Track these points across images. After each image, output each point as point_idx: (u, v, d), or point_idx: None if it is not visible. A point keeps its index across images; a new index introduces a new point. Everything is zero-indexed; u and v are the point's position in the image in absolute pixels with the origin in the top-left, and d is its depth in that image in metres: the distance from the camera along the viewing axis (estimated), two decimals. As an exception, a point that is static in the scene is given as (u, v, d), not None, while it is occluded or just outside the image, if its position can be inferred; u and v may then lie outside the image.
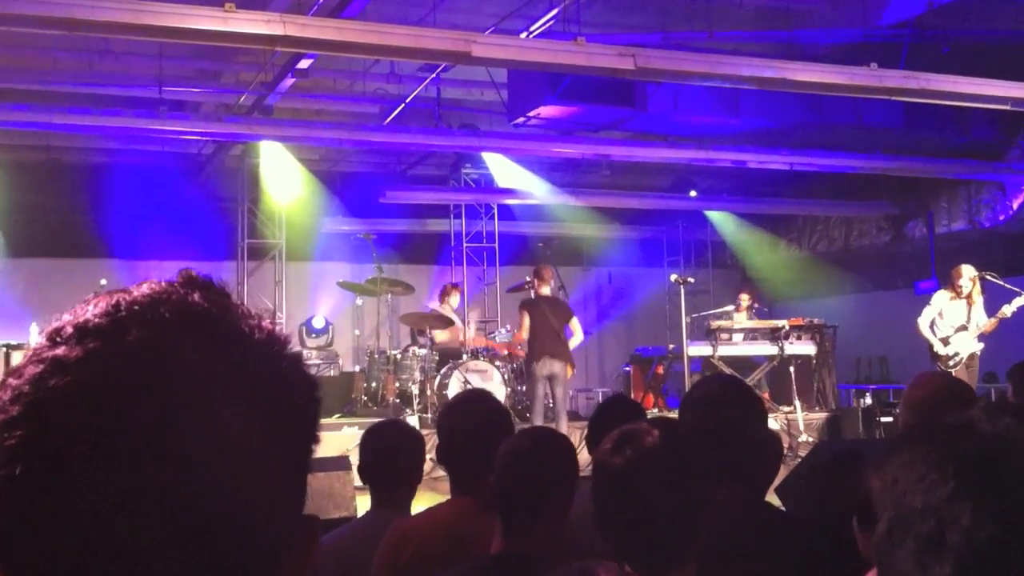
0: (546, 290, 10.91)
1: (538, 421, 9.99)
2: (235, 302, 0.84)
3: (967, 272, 10.76)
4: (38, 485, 0.70)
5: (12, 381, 0.75)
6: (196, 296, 0.81)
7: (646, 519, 2.13)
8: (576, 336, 10.97)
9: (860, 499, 2.02)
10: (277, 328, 0.85)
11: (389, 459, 3.66)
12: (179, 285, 0.82)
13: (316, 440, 0.85)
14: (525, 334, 10.64)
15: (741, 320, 13.51)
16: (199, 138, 13.23)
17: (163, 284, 0.82)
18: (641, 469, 2.15)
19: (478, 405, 3.50)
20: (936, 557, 0.87)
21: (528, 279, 11.52)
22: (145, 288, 0.81)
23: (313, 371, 0.89)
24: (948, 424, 0.96)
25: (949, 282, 11.00)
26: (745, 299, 14.14)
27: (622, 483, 2.16)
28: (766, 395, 12.34)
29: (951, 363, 10.63)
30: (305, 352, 14.23)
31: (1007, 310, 10.58)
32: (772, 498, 5.22)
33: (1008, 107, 11.06)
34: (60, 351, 0.75)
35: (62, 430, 0.71)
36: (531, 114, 12.19)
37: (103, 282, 10.85)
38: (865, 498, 1.00)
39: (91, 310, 0.79)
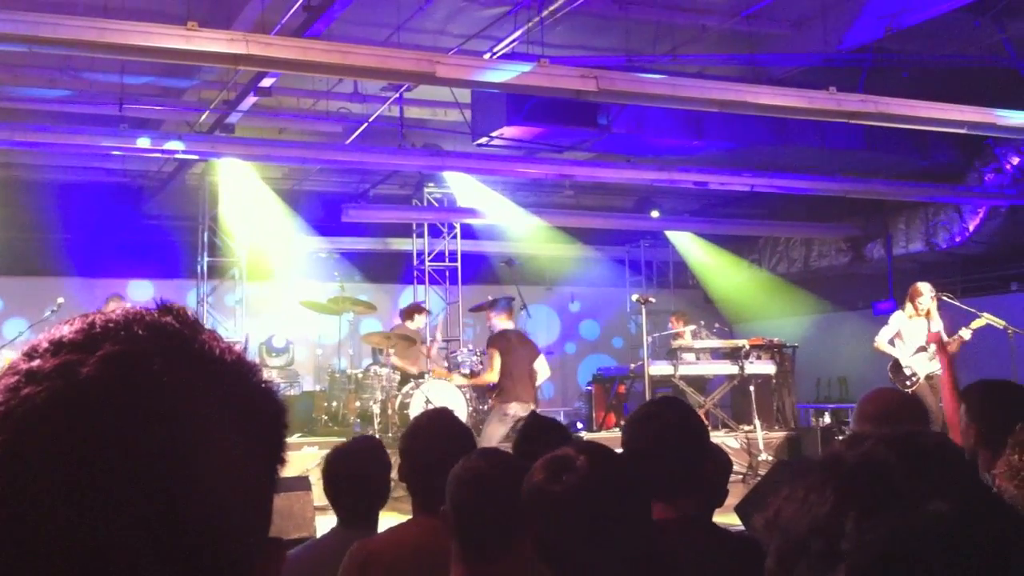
0: (511, 324, 10.31)
1: None
2: (206, 327, 0.86)
3: (926, 290, 10.79)
4: (10, 490, 0.71)
5: None
6: (169, 318, 0.83)
7: (587, 543, 2.13)
8: (542, 374, 10.26)
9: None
10: (246, 354, 0.86)
11: (360, 478, 3.62)
12: (154, 309, 0.85)
13: (282, 461, 0.86)
14: (495, 377, 9.88)
15: (689, 341, 13.61)
16: (160, 156, 13.14)
17: (137, 308, 0.84)
18: (579, 495, 2.14)
19: (442, 424, 3.48)
20: (830, 569, 0.91)
21: (487, 307, 11.30)
22: (120, 310, 0.83)
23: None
24: (817, 460, 1.02)
25: (908, 300, 10.92)
26: (673, 323, 14.29)
27: (562, 510, 2.16)
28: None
29: (908, 384, 10.66)
30: (265, 372, 14.14)
31: (965, 333, 10.60)
32: (732, 517, 5.25)
33: (965, 131, 11.22)
34: (35, 364, 0.77)
35: (34, 436, 0.72)
36: (495, 134, 12.23)
37: (60, 300, 10.74)
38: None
39: (67, 328, 0.81)
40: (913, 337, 10.76)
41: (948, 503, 0.90)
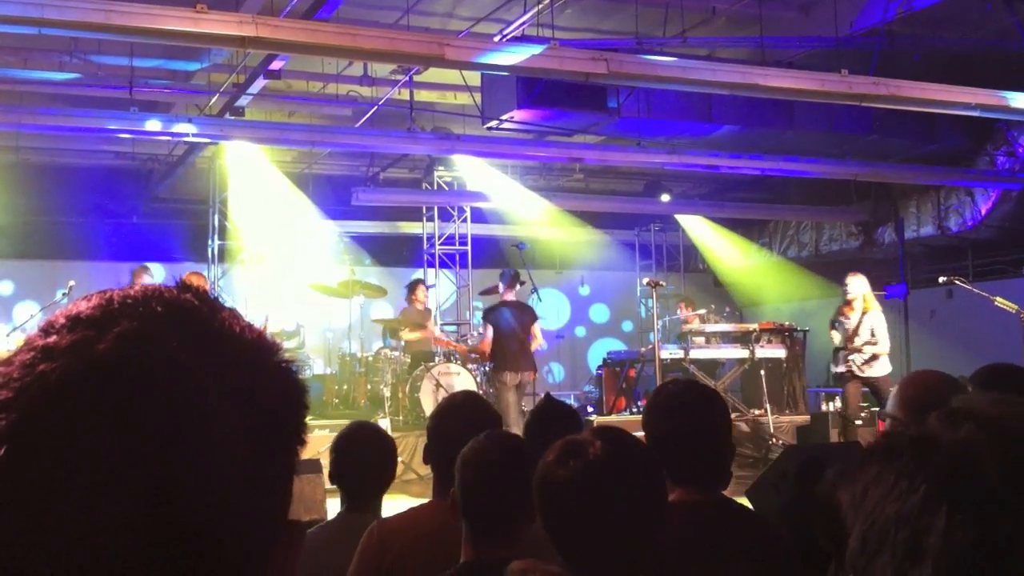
0: (511, 296, 10.83)
1: (515, 429, 9.87)
2: (226, 305, 0.85)
3: (851, 279, 10.69)
4: (24, 467, 0.70)
5: (2, 369, 0.75)
6: (188, 295, 0.82)
7: (593, 530, 2.12)
8: (536, 341, 10.83)
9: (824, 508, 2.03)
10: (267, 333, 0.85)
11: (365, 463, 3.64)
12: (173, 287, 0.84)
13: (301, 443, 0.85)
14: (486, 347, 10.64)
15: (699, 325, 13.62)
16: (170, 139, 13.14)
17: (157, 285, 0.83)
18: (586, 480, 2.12)
19: (471, 407, 3.48)
20: (914, 563, 0.88)
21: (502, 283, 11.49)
22: (139, 286, 0.82)
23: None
24: (912, 436, 0.97)
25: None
26: (682, 310, 14.39)
27: (567, 495, 2.14)
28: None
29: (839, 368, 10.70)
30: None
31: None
32: (743, 502, 5.24)
33: (976, 113, 11.16)
34: (51, 340, 0.76)
35: (49, 413, 0.71)
36: (504, 117, 12.19)
37: (72, 283, 10.75)
38: (827, 508, 1.01)
39: (85, 304, 0.79)
40: (847, 331, 10.60)
41: None
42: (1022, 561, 0.85)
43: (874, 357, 10.44)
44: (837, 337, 10.71)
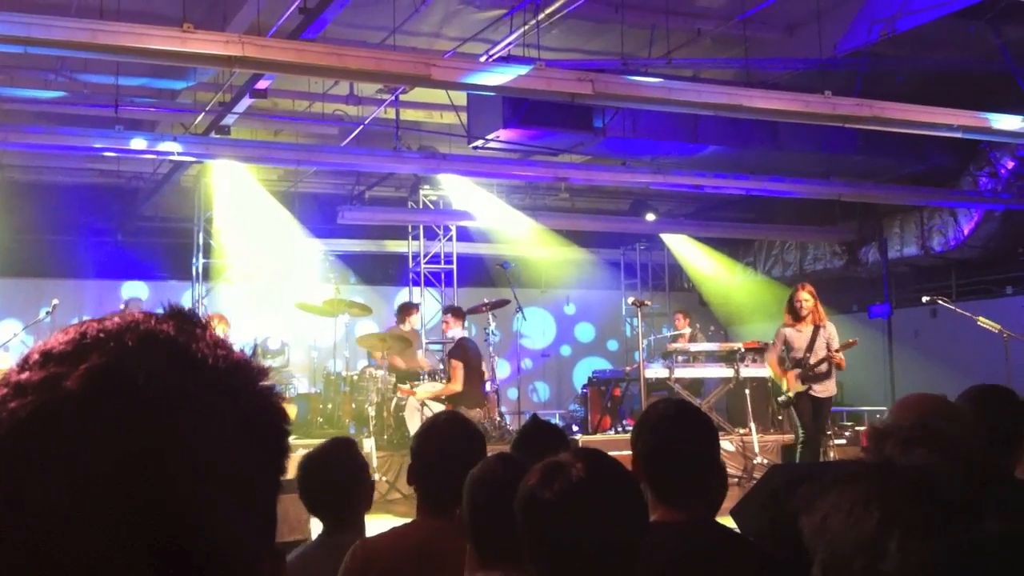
0: (464, 332, 10.97)
1: None
2: (207, 332, 0.84)
3: (803, 292, 9.94)
4: None
5: None
6: (166, 326, 0.82)
7: (575, 549, 2.13)
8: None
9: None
10: (251, 359, 0.85)
11: (334, 483, 3.59)
12: (153, 315, 0.83)
13: (282, 471, 0.85)
14: (459, 387, 10.47)
15: (685, 344, 13.65)
16: (155, 157, 13.12)
17: (137, 314, 0.83)
18: (569, 501, 2.14)
19: (456, 427, 3.48)
20: None
21: (444, 314, 11.54)
22: (117, 317, 0.82)
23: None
24: (869, 463, 0.99)
25: (787, 309, 10.04)
26: (679, 322, 14.40)
27: (551, 516, 2.16)
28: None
29: (780, 398, 10.19)
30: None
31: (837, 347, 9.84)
32: (728, 521, 5.24)
33: (959, 135, 11.23)
34: (24, 376, 0.76)
35: (19, 450, 0.71)
36: (490, 137, 12.22)
37: (55, 301, 10.72)
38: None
39: (61, 338, 0.80)
40: (800, 348, 9.94)
41: (998, 521, 0.88)
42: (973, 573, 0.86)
43: (828, 375, 9.98)
44: (773, 365, 10.19)
